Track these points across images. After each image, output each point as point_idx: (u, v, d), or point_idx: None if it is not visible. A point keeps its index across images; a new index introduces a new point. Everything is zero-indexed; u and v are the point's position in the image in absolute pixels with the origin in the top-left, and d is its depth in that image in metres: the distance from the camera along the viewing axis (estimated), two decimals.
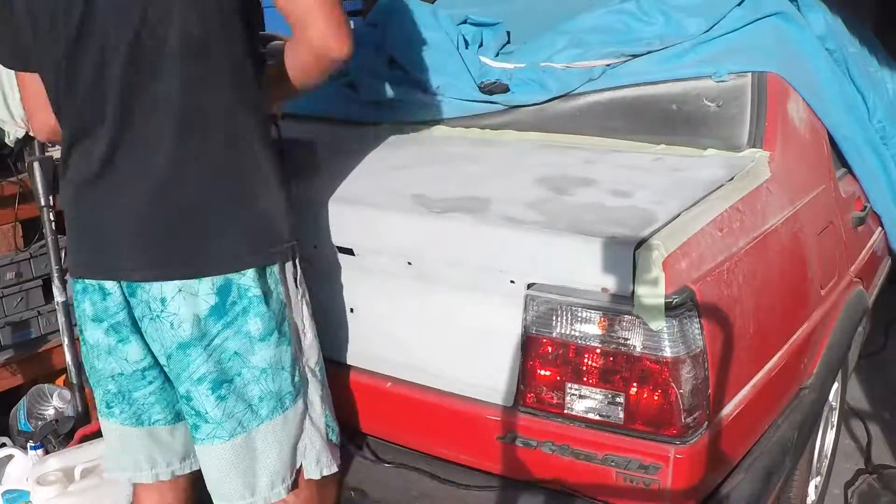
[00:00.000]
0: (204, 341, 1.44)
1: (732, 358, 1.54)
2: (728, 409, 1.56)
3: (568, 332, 1.50)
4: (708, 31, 2.15)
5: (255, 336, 1.46)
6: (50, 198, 2.52)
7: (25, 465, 2.39)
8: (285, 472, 1.55)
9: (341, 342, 1.80)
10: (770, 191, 1.79)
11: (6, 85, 2.45)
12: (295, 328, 1.54)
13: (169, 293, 1.42)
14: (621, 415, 1.49)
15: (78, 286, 1.54)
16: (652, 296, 1.40)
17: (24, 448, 2.46)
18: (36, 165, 2.50)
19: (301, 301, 1.56)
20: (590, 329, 1.49)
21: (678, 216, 1.55)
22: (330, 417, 1.63)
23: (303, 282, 1.57)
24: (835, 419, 2.48)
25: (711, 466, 1.53)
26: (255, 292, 1.45)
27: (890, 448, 2.78)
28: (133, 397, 1.57)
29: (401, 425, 1.77)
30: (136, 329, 1.50)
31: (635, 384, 1.47)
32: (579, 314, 1.49)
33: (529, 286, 1.53)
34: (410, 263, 1.65)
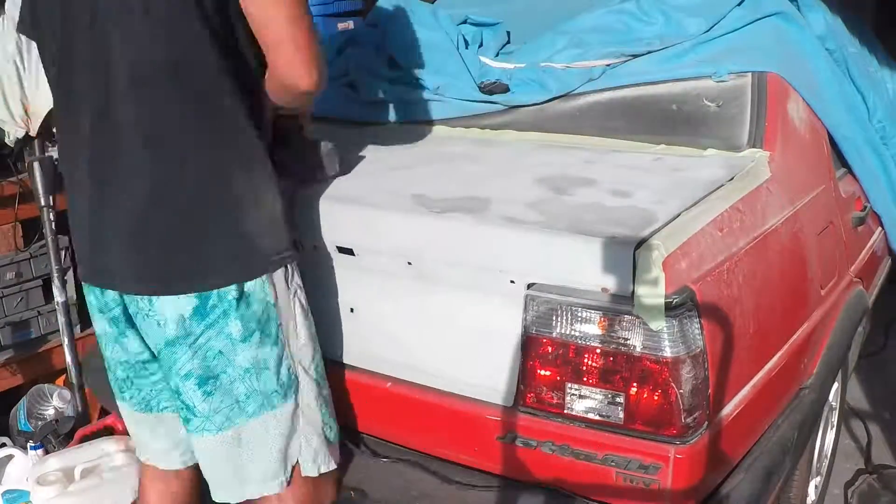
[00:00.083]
0: (189, 339, 1.48)
1: (732, 358, 1.54)
2: (728, 409, 1.56)
3: (568, 332, 1.50)
4: (708, 31, 2.15)
5: (237, 337, 1.48)
6: (50, 198, 2.52)
7: (25, 465, 2.40)
8: (278, 468, 1.56)
9: (341, 342, 1.80)
10: (770, 191, 1.79)
11: (6, 85, 2.45)
12: (285, 328, 1.54)
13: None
14: (621, 415, 1.49)
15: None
16: (652, 296, 1.40)
17: (24, 448, 2.46)
18: (36, 165, 2.50)
19: (293, 301, 1.56)
20: (590, 329, 1.49)
21: (678, 216, 1.55)
22: (327, 416, 1.64)
23: (296, 282, 1.57)
24: (835, 419, 2.48)
25: (711, 466, 1.53)
26: (234, 295, 1.46)
27: (890, 448, 2.78)
28: (140, 384, 1.64)
29: (401, 425, 1.77)
30: (132, 324, 1.56)
31: (635, 384, 1.47)
32: (579, 314, 1.49)
33: (529, 286, 1.53)
34: (410, 263, 1.65)
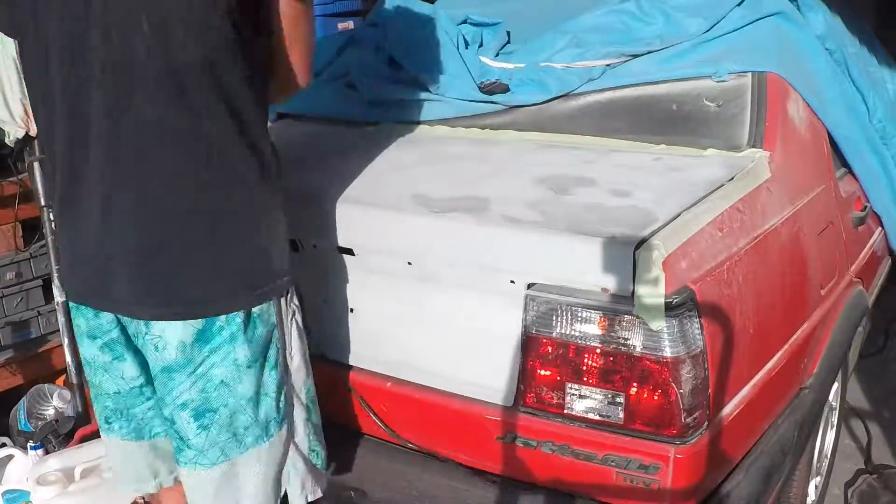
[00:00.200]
0: (189, 367, 1.41)
1: (732, 358, 1.54)
2: (728, 409, 1.56)
3: (568, 332, 1.50)
4: (708, 31, 2.14)
5: (242, 363, 1.42)
6: (50, 198, 2.52)
7: (25, 465, 2.39)
8: (267, 500, 1.50)
9: (341, 342, 1.80)
10: (770, 191, 1.79)
11: (6, 85, 2.45)
12: (283, 350, 1.49)
13: None
14: (621, 415, 1.49)
15: (72, 303, 1.53)
16: (652, 296, 1.40)
17: (24, 448, 2.46)
18: (36, 165, 2.50)
19: (291, 322, 1.50)
20: (590, 329, 1.49)
21: (678, 216, 1.55)
22: (315, 442, 1.58)
23: (294, 302, 1.51)
24: (835, 419, 2.48)
25: (711, 466, 1.53)
26: (243, 317, 1.41)
27: (890, 448, 2.78)
28: (132, 413, 1.55)
29: (401, 425, 1.77)
30: (131, 346, 1.48)
31: (635, 384, 1.47)
32: (579, 314, 1.49)
33: (529, 286, 1.53)
34: (411, 263, 1.65)
